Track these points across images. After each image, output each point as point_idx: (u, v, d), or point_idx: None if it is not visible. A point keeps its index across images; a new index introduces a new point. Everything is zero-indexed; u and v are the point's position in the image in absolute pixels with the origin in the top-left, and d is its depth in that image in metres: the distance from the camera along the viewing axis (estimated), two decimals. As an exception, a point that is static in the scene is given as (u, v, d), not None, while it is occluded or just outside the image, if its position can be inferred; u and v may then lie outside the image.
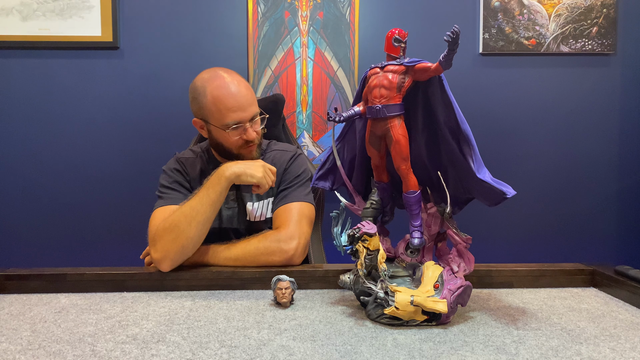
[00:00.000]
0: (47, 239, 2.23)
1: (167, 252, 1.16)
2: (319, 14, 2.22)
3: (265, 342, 0.83)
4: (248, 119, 1.31)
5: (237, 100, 1.29)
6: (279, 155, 1.45)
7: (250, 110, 1.31)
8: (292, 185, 1.39)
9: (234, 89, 1.30)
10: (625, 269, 1.10)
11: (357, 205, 1.07)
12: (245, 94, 1.31)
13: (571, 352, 0.79)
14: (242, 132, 1.32)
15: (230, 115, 1.29)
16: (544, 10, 2.23)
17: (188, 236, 1.17)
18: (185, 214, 1.19)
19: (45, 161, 2.22)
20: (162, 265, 1.16)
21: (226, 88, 1.29)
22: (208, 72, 1.34)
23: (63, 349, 0.81)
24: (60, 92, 2.21)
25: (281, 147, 1.50)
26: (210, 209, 1.20)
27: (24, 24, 2.15)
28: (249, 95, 1.32)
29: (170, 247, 1.16)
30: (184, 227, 1.17)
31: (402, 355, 0.78)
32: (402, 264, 1.01)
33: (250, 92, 1.34)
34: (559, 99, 2.28)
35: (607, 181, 2.31)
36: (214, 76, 1.31)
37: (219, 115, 1.30)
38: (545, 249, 2.32)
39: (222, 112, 1.29)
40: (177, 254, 1.16)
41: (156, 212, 1.29)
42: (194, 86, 1.34)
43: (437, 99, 0.93)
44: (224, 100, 1.28)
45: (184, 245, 1.17)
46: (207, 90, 1.30)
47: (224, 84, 1.30)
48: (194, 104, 1.35)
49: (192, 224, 1.18)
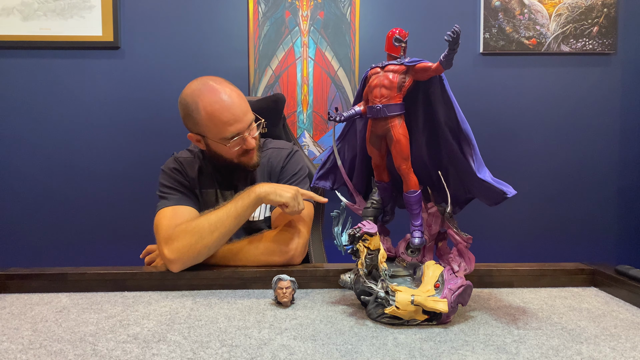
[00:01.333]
0: (48, 239, 2.23)
1: (182, 254, 1.15)
2: (319, 14, 2.22)
3: (266, 342, 0.83)
4: (245, 128, 1.29)
5: (232, 113, 1.26)
6: (275, 153, 1.45)
7: (246, 119, 1.29)
8: (290, 182, 1.39)
9: (228, 101, 1.26)
10: (626, 269, 1.10)
11: (357, 205, 1.07)
12: (239, 104, 1.28)
13: (572, 352, 0.79)
14: (241, 142, 1.30)
15: (228, 129, 1.26)
16: (544, 9, 2.23)
17: (207, 244, 1.17)
18: (210, 222, 1.18)
19: (46, 161, 2.22)
20: (173, 265, 1.16)
21: (219, 102, 1.25)
22: (196, 84, 1.29)
23: (64, 348, 0.81)
24: (61, 92, 2.21)
25: (277, 144, 1.49)
26: (234, 222, 1.19)
27: (25, 23, 2.16)
28: (243, 104, 1.29)
29: (187, 251, 1.16)
30: (206, 234, 1.16)
31: (402, 354, 0.78)
32: (403, 264, 1.01)
33: (243, 99, 1.30)
34: (559, 98, 2.28)
35: (607, 180, 2.31)
36: (204, 89, 1.27)
37: (217, 130, 1.27)
38: (545, 248, 2.32)
39: (219, 127, 1.26)
40: (191, 258, 1.16)
41: (163, 212, 1.28)
42: (184, 102, 1.29)
43: (437, 99, 0.93)
44: (220, 115, 1.25)
45: (200, 252, 1.17)
46: (199, 106, 1.26)
47: (216, 97, 1.25)
48: (187, 120, 1.31)
49: (215, 233, 1.17)
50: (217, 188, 1.41)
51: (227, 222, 1.18)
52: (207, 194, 1.40)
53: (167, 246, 1.17)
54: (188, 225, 1.19)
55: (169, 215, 1.27)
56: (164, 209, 1.29)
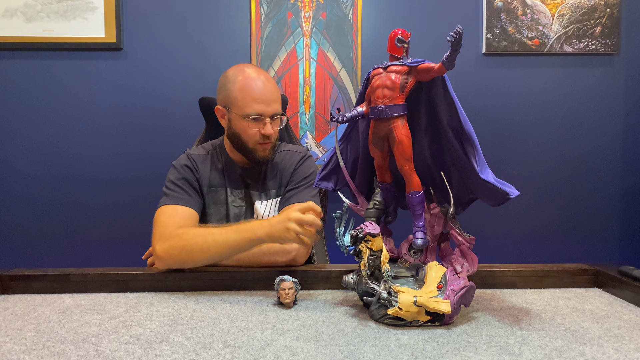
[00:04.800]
0: (51, 240, 2.24)
1: (169, 257, 1.17)
2: (321, 15, 2.22)
3: (269, 343, 0.83)
4: (270, 114, 1.34)
5: (263, 93, 1.33)
6: (288, 155, 1.47)
7: (273, 106, 1.35)
8: (299, 186, 1.40)
9: (264, 83, 1.35)
10: (629, 270, 1.09)
11: (360, 206, 1.07)
12: (272, 91, 1.36)
13: (575, 353, 0.79)
14: (260, 125, 1.34)
15: (254, 106, 1.32)
16: (547, 10, 2.22)
17: (195, 260, 1.17)
18: (206, 241, 1.16)
19: (49, 162, 2.23)
20: (159, 262, 1.19)
21: (256, 80, 1.34)
22: (243, 65, 1.41)
23: (67, 349, 0.81)
24: (63, 93, 2.21)
25: (292, 147, 1.52)
26: (228, 252, 1.17)
27: (28, 25, 2.16)
28: (276, 93, 1.37)
29: (175, 256, 1.17)
30: (196, 251, 1.16)
31: (405, 355, 0.78)
32: (406, 265, 1.01)
33: (277, 91, 1.38)
34: (562, 99, 2.28)
35: (610, 181, 2.30)
36: (247, 69, 1.37)
37: (243, 103, 1.33)
38: (548, 249, 2.31)
39: (246, 101, 1.33)
40: (176, 264, 1.18)
41: (164, 208, 1.30)
42: (225, 74, 1.39)
43: (440, 100, 0.93)
44: (251, 90, 1.33)
45: (186, 263, 1.18)
46: (237, 78, 1.35)
47: (255, 77, 1.35)
48: (221, 91, 1.39)
49: (206, 254, 1.17)
50: (228, 186, 1.42)
51: (221, 249, 1.16)
52: (217, 191, 1.41)
53: (160, 243, 1.20)
54: (185, 233, 1.20)
55: (169, 212, 1.29)
56: (165, 205, 1.31)
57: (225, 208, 1.41)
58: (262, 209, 1.41)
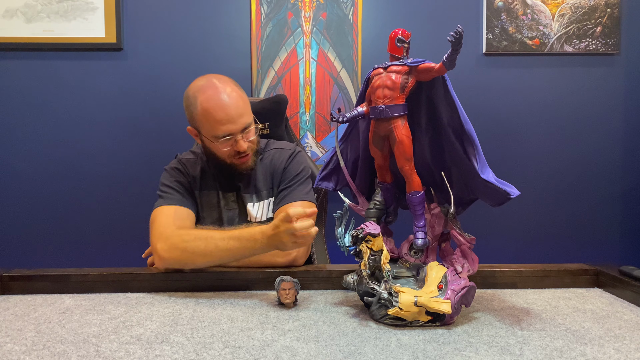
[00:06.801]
0: (51, 240, 2.24)
1: (170, 257, 1.17)
2: (322, 15, 2.22)
3: (269, 343, 0.83)
4: (238, 130, 1.29)
5: (226, 113, 1.26)
6: (277, 154, 1.45)
7: (240, 122, 1.28)
8: (291, 184, 1.39)
9: (225, 101, 1.27)
10: (630, 270, 1.09)
11: (360, 206, 1.07)
12: (237, 105, 1.28)
13: (576, 353, 0.79)
14: (233, 143, 1.30)
15: (220, 128, 1.27)
16: (547, 10, 2.22)
17: (195, 263, 1.17)
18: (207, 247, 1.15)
19: (49, 162, 2.23)
20: (160, 262, 1.19)
21: (216, 100, 1.26)
22: (201, 80, 1.32)
23: (67, 349, 0.81)
24: (64, 93, 2.21)
25: (279, 145, 1.49)
26: (230, 258, 1.17)
27: (28, 25, 2.16)
28: (241, 106, 1.29)
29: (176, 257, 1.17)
30: (198, 254, 1.15)
31: (405, 355, 0.78)
32: (406, 265, 1.01)
33: (243, 102, 1.31)
34: (562, 99, 2.28)
35: (611, 181, 2.30)
36: (206, 85, 1.29)
37: (209, 126, 1.28)
38: (549, 249, 2.31)
39: (211, 124, 1.27)
40: (176, 264, 1.18)
41: (161, 209, 1.29)
42: (187, 95, 1.32)
43: (440, 99, 0.93)
44: (213, 113, 1.26)
45: (186, 264, 1.18)
46: (197, 101, 1.28)
47: (214, 94, 1.27)
48: (187, 112, 1.34)
49: (207, 259, 1.16)
50: (219, 189, 1.41)
51: (222, 255, 1.16)
52: (209, 194, 1.41)
53: (161, 243, 1.19)
54: (187, 234, 1.19)
55: (167, 213, 1.28)
56: (162, 207, 1.30)
57: (218, 211, 1.41)
58: (254, 211, 1.40)
